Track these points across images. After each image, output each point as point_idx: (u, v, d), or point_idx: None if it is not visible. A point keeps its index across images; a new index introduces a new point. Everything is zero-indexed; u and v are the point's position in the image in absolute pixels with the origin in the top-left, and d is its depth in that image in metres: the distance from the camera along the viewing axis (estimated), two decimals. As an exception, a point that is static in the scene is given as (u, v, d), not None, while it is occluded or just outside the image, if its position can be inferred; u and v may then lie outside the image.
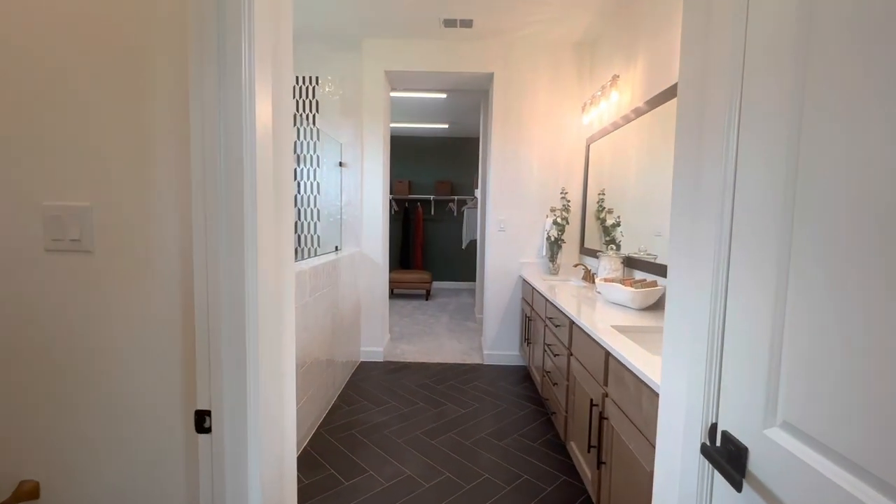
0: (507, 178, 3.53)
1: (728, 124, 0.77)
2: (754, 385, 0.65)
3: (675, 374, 0.93)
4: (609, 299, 2.27)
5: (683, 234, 0.93)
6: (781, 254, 0.60)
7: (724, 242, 0.80)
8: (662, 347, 1.03)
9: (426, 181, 7.28)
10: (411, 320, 5.04)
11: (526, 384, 3.19)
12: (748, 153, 0.70)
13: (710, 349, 0.81)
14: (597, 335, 1.65)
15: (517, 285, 3.60)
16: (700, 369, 0.81)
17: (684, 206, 0.92)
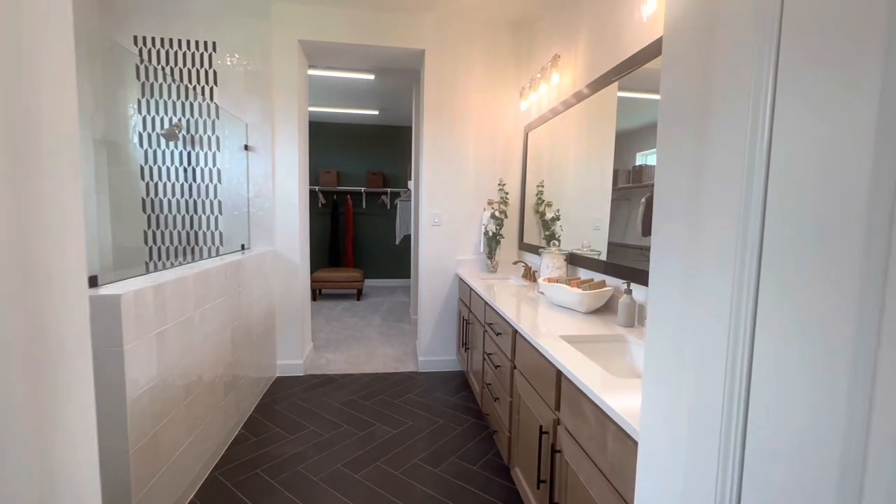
0: (441, 169, 3.21)
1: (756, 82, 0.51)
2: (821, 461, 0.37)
3: (667, 425, 0.66)
4: (554, 301, 2.05)
5: (675, 242, 0.67)
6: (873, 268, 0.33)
7: (751, 251, 0.53)
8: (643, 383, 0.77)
9: (356, 172, 6.78)
10: (339, 324, 4.59)
11: (464, 393, 2.92)
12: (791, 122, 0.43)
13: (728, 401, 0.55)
14: (546, 350, 1.39)
15: (454, 284, 3.32)
16: (712, 424, 0.54)
17: (676, 205, 0.66)
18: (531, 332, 1.58)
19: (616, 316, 1.84)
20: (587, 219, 2.37)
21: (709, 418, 0.59)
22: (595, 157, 2.29)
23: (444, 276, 3.30)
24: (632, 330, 1.63)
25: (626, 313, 1.66)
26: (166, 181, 2.84)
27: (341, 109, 5.81)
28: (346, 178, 6.77)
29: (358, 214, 6.87)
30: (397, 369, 3.32)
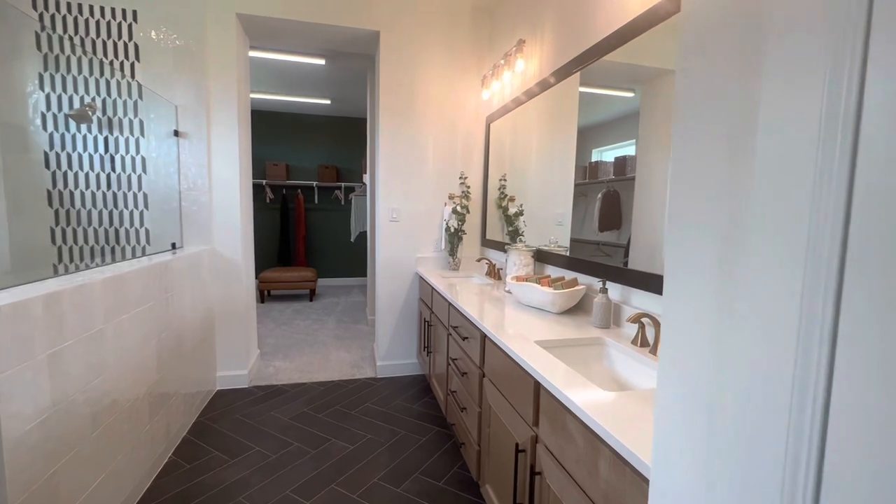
0: (399, 162, 3.01)
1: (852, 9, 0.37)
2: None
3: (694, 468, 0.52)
4: (522, 301, 1.92)
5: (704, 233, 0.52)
6: None
7: (831, 246, 0.39)
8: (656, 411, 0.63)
9: (308, 165, 6.41)
10: (290, 328, 4.27)
11: (427, 399, 2.75)
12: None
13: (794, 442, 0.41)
14: (521, 358, 1.24)
15: (414, 283, 3.13)
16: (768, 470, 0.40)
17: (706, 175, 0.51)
18: (503, 336, 1.43)
19: (589, 316, 1.73)
20: (550, 214, 2.28)
21: (763, 462, 0.45)
22: (558, 151, 2.19)
23: (403, 275, 3.10)
24: (608, 332, 1.53)
25: (602, 314, 1.55)
26: (78, 171, 2.45)
27: (290, 97, 5.43)
28: (296, 172, 6.38)
29: (310, 210, 6.50)
30: (354, 376, 3.09)
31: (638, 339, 1.37)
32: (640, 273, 1.46)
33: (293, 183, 6.18)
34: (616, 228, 1.62)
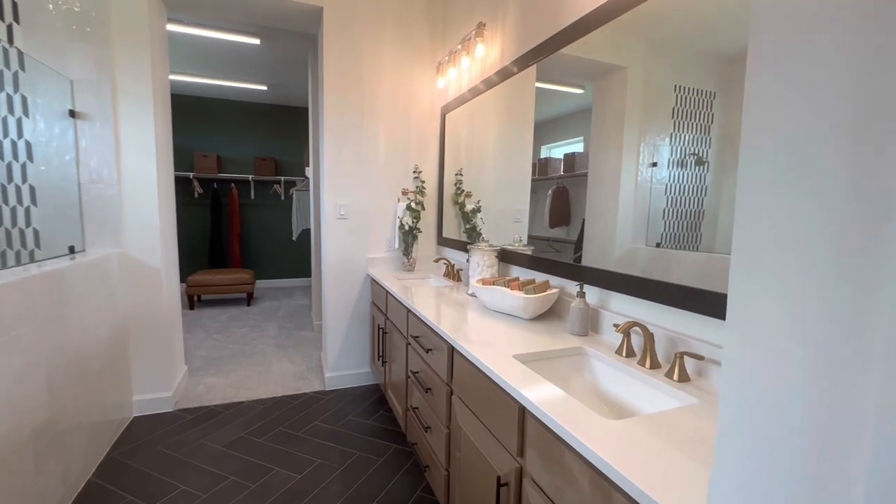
0: (346, 154, 2.74)
1: None
2: None
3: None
4: (489, 306, 1.76)
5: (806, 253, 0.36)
6: None
7: None
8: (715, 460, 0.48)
9: (242, 157, 5.87)
10: (224, 337, 3.84)
11: (383, 412, 2.53)
12: None
13: None
14: (504, 381, 1.07)
15: (365, 286, 2.88)
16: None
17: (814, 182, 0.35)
18: (476, 350, 1.26)
19: (561, 321, 1.61)
20: (508, 211, 2.17)
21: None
22: (515, 144, 2.09)
23: (353, 277, 2.84)
24: (587, 339, 1.40)
25: (580, 320, 1.43)
26: (-63, 157, 1.95)
27: (221, 81, 4.90)
28: (229, 164, 5.82)
29: (246, 206, 5.97)
30: (299, 390, 2.80)
31: (623, 349, 1.25)
32: (622, 276, 1.35)
33: (226, 176, 5.63)
34: (565, 224, 1.60)
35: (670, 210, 1.15)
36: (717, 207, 1.04)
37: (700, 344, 1.10)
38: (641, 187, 1.24)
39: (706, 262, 1.07)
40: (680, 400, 1.01)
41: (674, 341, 1.17)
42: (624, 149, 1.32)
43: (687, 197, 1.09)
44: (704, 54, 1.06)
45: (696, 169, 1.07)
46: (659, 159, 1.18)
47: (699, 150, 1.06)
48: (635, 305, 1.33)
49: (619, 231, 1.35)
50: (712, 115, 1.04)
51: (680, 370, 1.07)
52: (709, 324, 1.09)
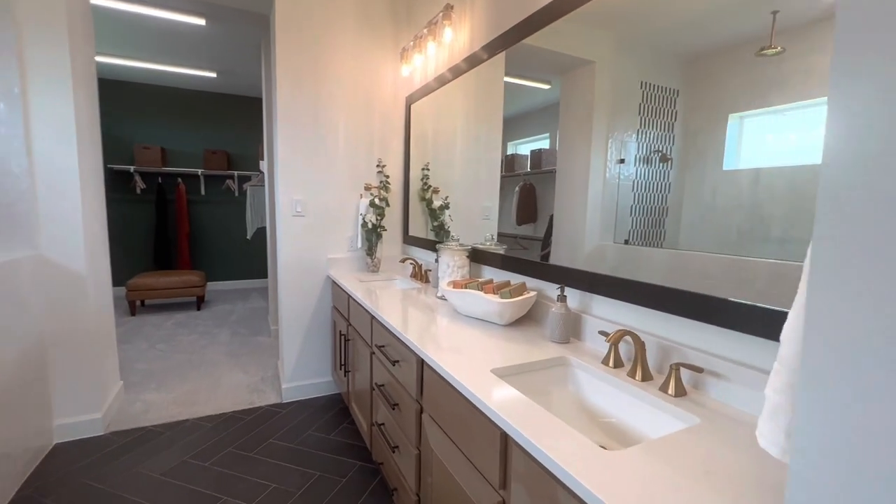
0: (303, 146, 2.52)
1: None
2: None
3: None
4: (462, 311, 1.62)
5: None
6: None
7: None
8: None
9: (190, 150, 5.44)
10: (170, 346, 3.51)
11: (346, 425, 2.34)
12: None
13: None
14: (483, 402, 0.93)
15: (325, 289, 2.67)
16: None
17: None
18: (449, 365, 1.11)
19: (538, 325, 1.49)
20: (477, 207, 2.05)
21: None
22: (483, 137, 1.97)
23: (312, 279, 2.63)
24: (569, 347, 1.29)
25: (561, 327, 1.31)
26: None
27: (164, 66, 4.49)
28: (175, 158, 5.38)
29: (195, 203, 5.55)
30: (253, 403, 2.56)
31: (610, 359, 1.14)
32: (607, 278, 1.24)
33: (172, 170, 5.19)
34: (532, 222, 1.59)
35: (637, 207, 1.14)
36: (679, 204, 1.03)
37: (695, 354, 1.00)
38: (610, 184, 1.23)
39: (674, 259, 1.05)
40: (681, 419, 0.90)
41: (666, 350, 1.07)
42: (592, 144, 1.29)
43: (652, 194, 1.10)
44: (668, 52, 1.05)
45: (660, 166, 1.07)
46: (626, 156, 1.18)
47: (664, 147, 1.06)
48: (619, 309, 1.23)
49: (589, 228, 1.32)
50: (676, 112, 1.04)
51: (676, 383, 0.97)
52: (704, 331, 1.00)
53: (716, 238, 0.95)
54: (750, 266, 0.88)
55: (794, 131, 0.82)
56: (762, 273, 0.86)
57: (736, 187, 0.91)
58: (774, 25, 0.83)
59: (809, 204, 0.80)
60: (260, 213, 5.32)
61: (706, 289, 0.97)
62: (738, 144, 0.91)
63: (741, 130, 0.90)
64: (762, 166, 0.86)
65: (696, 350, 1.01)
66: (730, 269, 0.92)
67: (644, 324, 1.16)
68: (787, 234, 0.83)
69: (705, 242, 0.97)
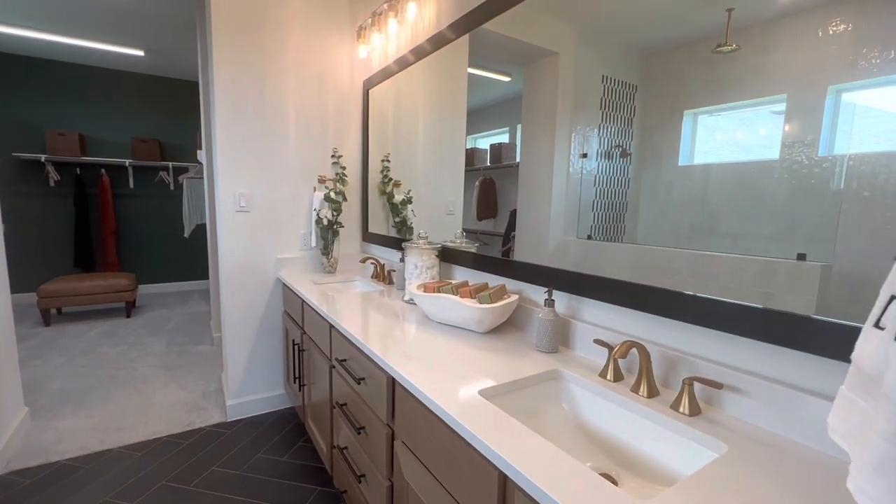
0: (245, 130, 2.23)
1: None
2: None
3: None
4: (435, 318, 1.45)
5: None
6: None
7: None
8: None
9: (116, 138, 4.86)
10: (92, 361, 3.07)
11: (302, 444, 2.11)
12: None
13: None
14: (476, 437, 0.77)
15: (276, 292, 2.40)
16: None
17: None
18: (429, 386, 0.94)
19: (521, 332, 1.35)
20: (441, 202, 1.91)
21: None
22: (447, 127, 1.83)
23: (259, 282, 2.35)
24: (558, 358, 1.16)
25: (550, 334, 1.17)
26: None
27: (80, 41, 3.93)
28: (97, 146, 4.78)
29: (123, 197, 4.97)
30: (192, 425, 2.25)
31: (609, 371, 1.02)
32: (598, 279, 1.12)
33: (93, 160, 4.60)
34: (492, 217, 1.57)
35: (599, 202, 1.15)
36: (637, 199, 1.04)
37: (707, 365, 0.89)
38: (573, 178, 1.22)
39: (639, 254, 1.04)
40: (706, 445, 0.78)
41: (672, 361, 0.96)
42: (557, 138, 1.27)
43: (613, 189, 1.10)
44: (628, 46, 1.05)
45: (620, 161, 1.08)
46: (589, 150, 1.17)
47: (623, 142, 1.07)
48: (612, 314, 1.11)
49: (553, 223, 1.29)
50: (634, 107, 1.04)
51: (690, 400, 0.85)
52: (712, 339, 0.90)
53: (672, 233, 0.96)
54: (711, 260, 0.89)
55: (743, 128, 0.84)
56: (725, 268, 0.87)
57: (690, 183, 0.93)
58: (730, 23, 0.84)
59: (760, 200, 0.82)
60: (199, 208, 4.84)
61: (674, 284, 0.96)
62: (693, 141, 0.92)
63: (695, 127, 0.92)
64: (713, 162, 0.89)
65: (705, 360, 0.90)
66: (693, 263, 0.92)
67: (642, 330, 1.04)
68: (738, 229, 0.85)
69: (662, 237, 0.99)
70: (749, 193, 0.83)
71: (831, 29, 0.71)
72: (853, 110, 0.71)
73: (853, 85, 0.70)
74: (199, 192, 4.81)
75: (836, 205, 0.72)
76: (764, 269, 0.81)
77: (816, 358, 0.75)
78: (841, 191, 0.72)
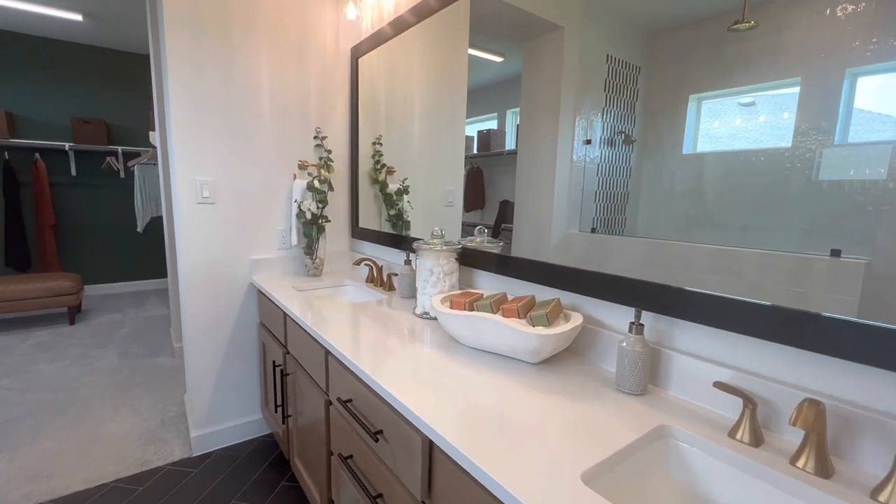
0: (208, 108, 1.82)
1: None
2: None
3: None
4: (468, 341, 1.12)
5: None
6: None
7: None
8: None
9: (52, 118, 4.24)
10: (22, 382, 2.58)
11: (286, 486, 1.75)
12: None
13: None
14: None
15: (249, 300, 2.01)
16: None
17: None
18: (506, 475, 0.63)
19: (577, 358, 1.06)
20: (438, 192, 1.68)
21: None
22: (446, 105, 1.60)
23: (229, 288, 1.96)
24: (649, 400, 0.86)
25: (640, 371, 0.88)
26: None
27: (3, 1, 3.31)
28: (29, 127, 4.14)
29: (63, 186, 4.36)
30: (149, 463, 1.85)
31: (742, 430, 0.73)
32: (701, 295, 0.82)
33: (24, 143, 3.98)
34: (480, 208, 1.48)
35: (601, 192, 1.07)
36: (638, 190, 0.98)
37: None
38: (576, 166, 1.13)
39: (651, 249, 0.95)
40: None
41: (846, 420, 0.68)
42: (560, 122, 1.15)
43: (615, 178, 1.03)
44: (633, 24, 0.97)
45: (623, 148, 1.00)
46: (593, 136, 1.08)
47: (626, 127, 1.00)
48: (718, 340, 0.82)
49: (556, 215, 1.18)
50: (637, 90, 0.97)
51: None
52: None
53: (675, 225, 0.90)
54: (733, 256, 0.81)
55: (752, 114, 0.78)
56: (750, 264, 0.79)
57: (695, 171, 0.87)
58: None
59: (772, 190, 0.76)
60: (154, 198, 4.30)
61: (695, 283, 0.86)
62: (696, 127, 0.86)
63: (699, 112, 0.86)
64: (720, 150, 0.83)
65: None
66: (713, 259, 0.84)
67: (775, 367, 0.76)
68: (748, 222, 0.79)
69: (665, 230, 0.92)
70: (759, 183, 0.77)
71: (850, 6, 0.65)
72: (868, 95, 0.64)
73: (872, 68, 0.64)
74: (154, 180, 4.26)
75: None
76: (796, 266, 0.73)
77: None
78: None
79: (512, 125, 1.32)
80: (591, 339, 1.06)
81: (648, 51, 0.94)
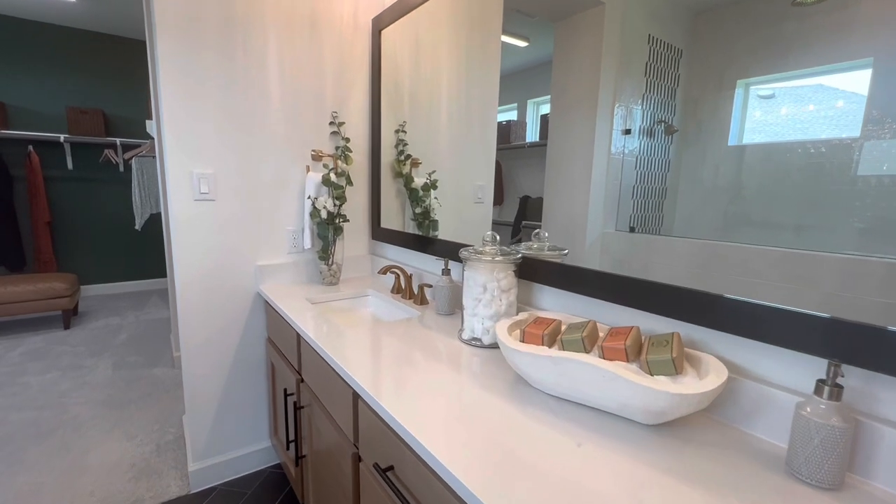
0: (205, 85, 1.53)
1: None
2: None
3: None
4: (549, 388, 0.84)
5: None
6: None
7: None
8: None
9: (47, 108, 3.99)
10: (6, 397, 2.33)
11: (298, 532, 1.49)
12: None
13: None
14: None
15: (256, 313, 1.74)
16: None
17: None
18: None
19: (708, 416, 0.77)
20: (467, 187, 1.48)
21: None
22: (477, 88, 1.40)
23: (233, 299, 1.68)
24: (848, 498, 0.58)
25: (839, 454, 0.59)
26: None
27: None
28: (22, 117, 3.89)
29: (59, 181, 4.12)
30: (140, 500, 1.59)
31: None
32: None
33: (16, 134, 3.73)
34: (498, 204, 1.38)
35: (639, 187, 0.96)
36: (677, 184, 0.88)
37: None
38: (614, 159, 1.02)
39: (703, 251, 0.82)
40: None
41: None
42: (599, 110, 1.03)
43: (653, 172, 0.93)
44: (676, 1, 0.87)
45: (664, 139, 0.90)
46: (632, 126, 0.97)
47: (666, 116, 0.90)
48: None
49: (592, 213, 1.07)
50: (678, 76, 0.87)
51: None
52: None
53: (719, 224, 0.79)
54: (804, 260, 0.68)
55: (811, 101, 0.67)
56: (827, 270, 0.65)
57: (742, 165, 0.77)
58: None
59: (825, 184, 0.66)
60: (153, 193, 4.04)
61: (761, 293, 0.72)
62: (744, 116, 0.76)
63: (746, 99, 0.75)
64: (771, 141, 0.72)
65: None
66: (780, 264, 0.70)
67: None
68: (804, 221, 0.69)
69: (706, 229, 0.82)
70: (815, 178, 0.67)
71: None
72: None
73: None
74: (152, 175, 4.00)
75: None
76: (888, 272, 0.59)
77: None
78: None
79: (533, 116, 1.22)
80: (729, 389, 0.77)
81: (692, 31, 0.86)
